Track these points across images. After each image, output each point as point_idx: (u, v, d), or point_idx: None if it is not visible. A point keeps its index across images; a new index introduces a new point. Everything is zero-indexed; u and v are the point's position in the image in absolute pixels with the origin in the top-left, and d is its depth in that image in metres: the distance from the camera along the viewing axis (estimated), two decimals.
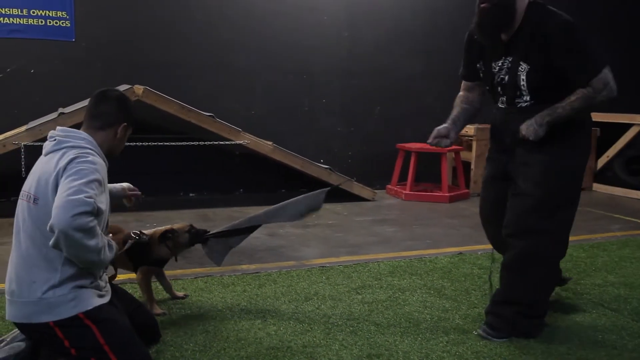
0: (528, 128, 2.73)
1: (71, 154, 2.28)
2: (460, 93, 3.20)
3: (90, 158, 2.29)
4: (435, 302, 3.41)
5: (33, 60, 5.97)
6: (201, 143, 5.99)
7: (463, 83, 3.21)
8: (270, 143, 6.08)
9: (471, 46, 3.04)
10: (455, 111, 3.12)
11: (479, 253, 4.51)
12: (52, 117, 5.27)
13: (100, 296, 2.37)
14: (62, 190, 2.15)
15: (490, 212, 3.18)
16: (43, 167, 2.33)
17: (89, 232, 2.14)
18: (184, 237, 3.12)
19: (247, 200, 6.53)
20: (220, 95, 6.62)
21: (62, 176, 2.22)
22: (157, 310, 3.11)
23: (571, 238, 4.95)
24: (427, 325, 3.07)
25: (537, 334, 2.95)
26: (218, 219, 5.63)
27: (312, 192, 3.10)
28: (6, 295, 2.34)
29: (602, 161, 7.87)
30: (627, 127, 7.47)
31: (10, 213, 2.37)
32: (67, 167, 2.23)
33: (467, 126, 7.56)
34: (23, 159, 5.01)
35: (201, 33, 6.52)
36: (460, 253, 4.49)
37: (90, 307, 2.29)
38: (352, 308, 3.30)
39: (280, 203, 3.13)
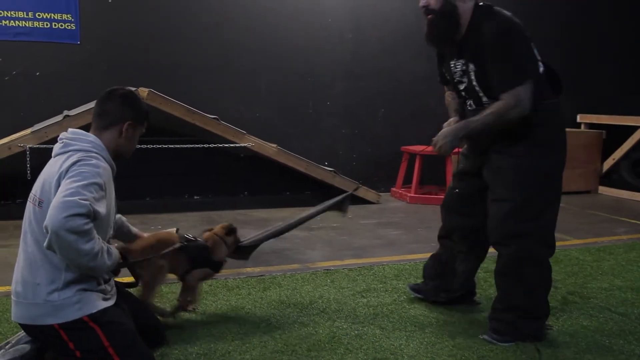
0: (440, 139, 2.82)
1: (75, 157, 2.27)
2: (447, 92, 3.21)
3: (94, 161, 2.27)
4: (441, 305, 3.38)
5: (38, 63, 5.99)
6: (206, 145, 5.99)
7: (445, 87, 3.25)
8: (274, 145, 6.07)
9: (437, 54, 3.11)
10: (453, 104, 3.13)
11: None
12: (57, 120, 5.28)
13: (106, 299, 2.36)
14: (60, 191, 2.14)
15: (454, 202, 3.24)
16: (49, 170, 2.33)
17: (83, 234, 2.10)
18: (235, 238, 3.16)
19: (252, 203, 6.53)
20: (224, 98, 6.62)
21: (63, 178, 2.21)
22: (169, 318, 3.05)
23: (577, 241, 5.02)
24: (433, 330, 3.06)
25: (541, 335, 2.94)
26: (223, 221, 5.61)
27: (334, 200, 3.29)
28: (12, 296, 2.35)
29: (608, 164, 7.84)
30: (633, 129, 7.44)
31: (16, 215, 2.38)
32: (68, 170, 2.22)
33: None
34: (28, 162, 5.02)
35: (205, 35, 6.53)
36: None
37: (94, 310, 2.28)
38: (357, 311, 3.29)
39: (305, 213, 3.27)
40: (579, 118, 8.11)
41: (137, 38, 6.29)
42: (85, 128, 2.49)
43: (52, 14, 5.98)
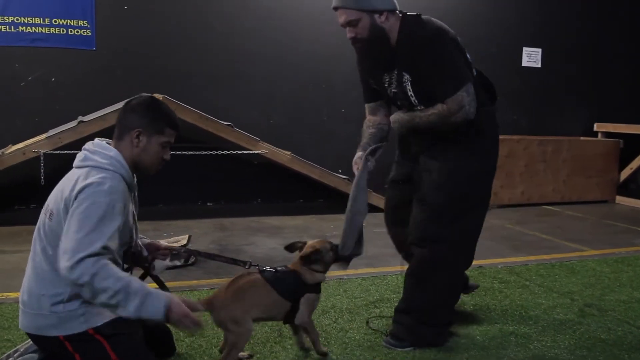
0: (394, 121, 2.87)
1: (89, 179, 2.16)
2: (367, 118, 3.15)
3: (106, 187, 2.15)
4: (455, 317, 3.32)
5: (54, 69, 6.03)
6: (219, 152, 5.98)
7: (366, 107, 3.16)
8: (288, 153, 6.05)
9: (362, 70, 3.06)
10: (364, 139, 3.08)
11: (500, 267, 4.43)
12: (72, 126, 5.30)
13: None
14: (69, 236, 2.06)
15: (392, 214, 3.20)
16: (65, 182, 2.26)
17: (97, 276, 2.03)
18: (329, 256, 2.74)
19: (265, 210, 6.51)
20: (239, 105, 6.62)
21: (72, 205, 2.13)
22: (324, 348, 2.78)
23: (594, 252, 4.95)
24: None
25: (439, 343, 2.93)
26: (235, 228, 5.61)
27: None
28: (20, 305, 2.32)
29: (625, 173, 7.74)
30: None
31: (29, 221, 2.37)
32: (77, 197, 2.13)
33: None
34: (42, 167, 5.04)
35: (220, 43, 6.54)
36: (480, 267, 4.40)
37: (100, 323, 2.23)
38: (370, 322, 3.24)
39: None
40: (595, 127, 8.02)
41: (152, 45, 6.31)
42: (99, 134, 2.45)
43: (69, 20, 6.02)
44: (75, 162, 2.31)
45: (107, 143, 2.35)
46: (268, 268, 2.65)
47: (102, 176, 2.18)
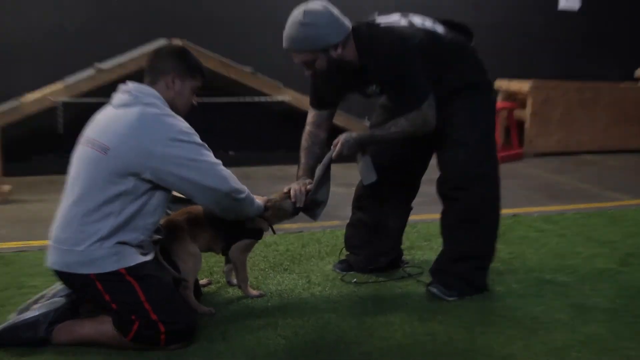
0: (342, 141, 2.71)
1: (151, 115, 2.26)
2: (307, 129, 2.97)
3: (182, 126, 2.30)
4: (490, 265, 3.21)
5: (67, 15, 5.88)
6: (241, 100, 5.85)
7: (311, 115, 2.96)
8: None
9: (326, 78, 2.77)
10: (304, 159, 2.96)
11: (535, 215, 4.30)
12: (89, 73, 5.21)
13: (144, 254, 2.34)
14: (199, 179, 2.27)
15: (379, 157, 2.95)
16: (117, 118, 2.28)
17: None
18: (287, 204, 2.74)
19: (288, 159, 6.37)
20: (262, 50, 6.42)
21: (161, 152, 2.21)
22: (253, 292, 2.79)
23: (634, 201, 4.78)
24: None
25: (487, 285, 2.89)
26: (259, 177, 5.56)
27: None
28: (50, 242, 2.30)
29: None
30: None
31: (48, 170, 2.28)
32: (169, 145, 2.23)
33: (522, 83, 7.20)
34: (62, 116, 4.96)
35: None
36: (515, 215, 4.26)
37: (132, 264, 2.26)
38: (401, 269, 3.15)
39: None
40: (637, 73, 7.70)
41: None
42: (118, 81, 2.43)
43: None
44: (123, 101, 2.32)
45: None
46: None
47: (161, 111, 2.29)
